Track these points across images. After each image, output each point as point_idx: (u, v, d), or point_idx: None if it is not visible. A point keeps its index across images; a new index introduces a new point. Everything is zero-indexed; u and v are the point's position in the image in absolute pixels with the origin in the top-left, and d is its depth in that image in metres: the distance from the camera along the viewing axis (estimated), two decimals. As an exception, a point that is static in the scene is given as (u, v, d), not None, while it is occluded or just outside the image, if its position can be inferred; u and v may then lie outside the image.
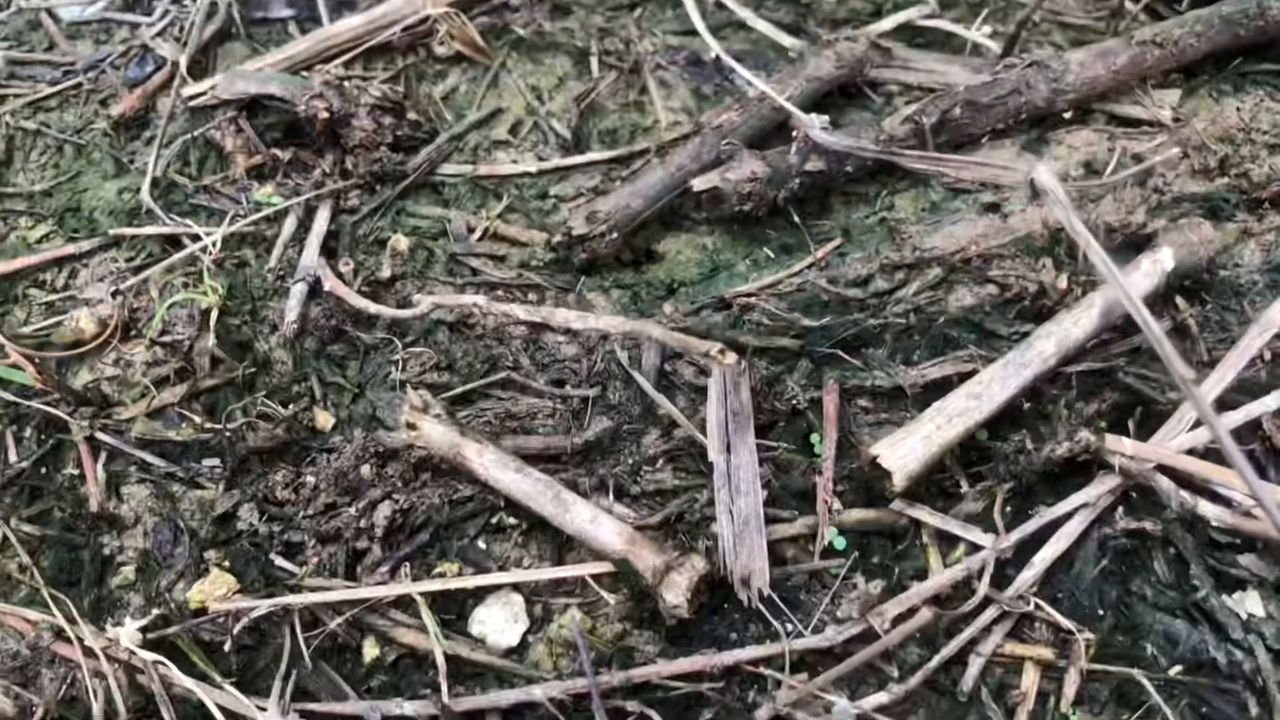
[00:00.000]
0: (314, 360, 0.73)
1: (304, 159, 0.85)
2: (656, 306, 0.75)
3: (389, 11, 0.89)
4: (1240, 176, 0.78)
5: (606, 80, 0.87)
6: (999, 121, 0.80)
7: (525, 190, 0.83)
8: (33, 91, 0.87)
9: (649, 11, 0.93)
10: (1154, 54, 0.80)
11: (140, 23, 0.92)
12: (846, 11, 0.91)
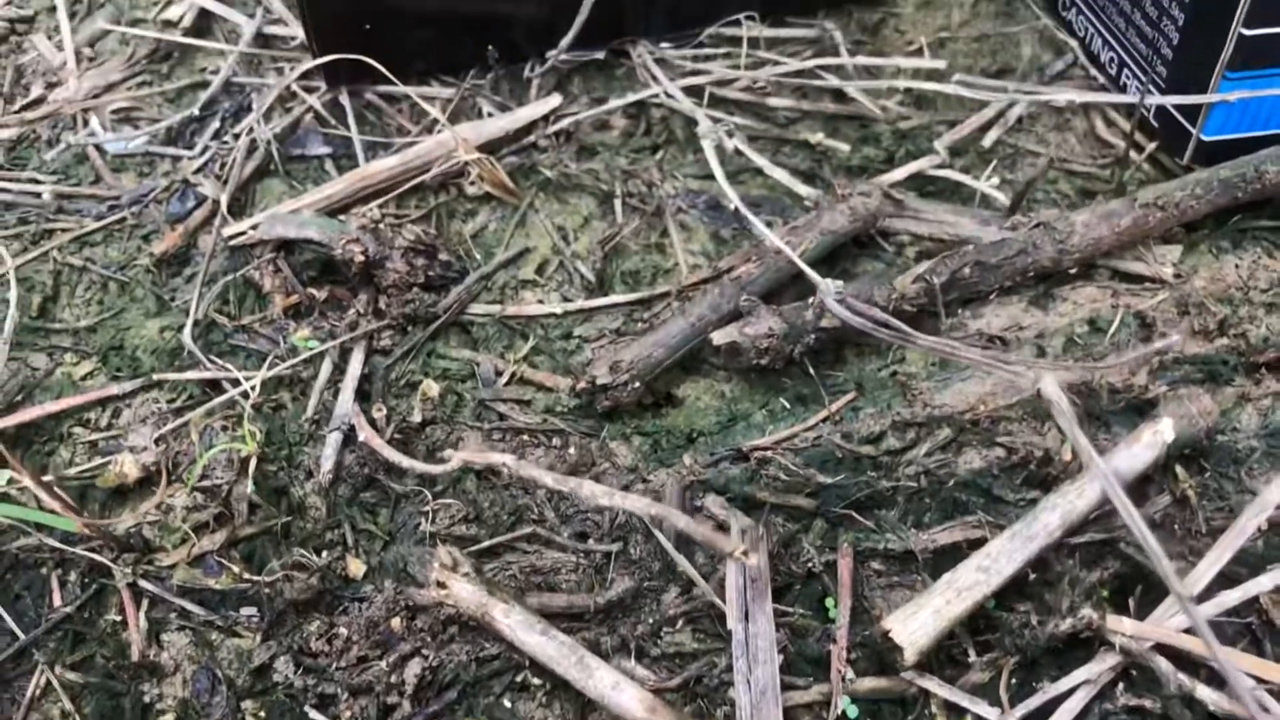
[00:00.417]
0: (347, 507, 0.76)
1: (339, 296, 0.88)
2: (677, 456, 0.78)
3: (422, 153, 0.93)
4: (1239, 337, 0.81)
5: (630, 226, 0.91)
6: (1007, 279, 0.83)
7: (550, 330, 0.86)
8: (79, 226, 0.91)
9: (670, 155, 0.96)
10: (1156, 216, 0.84)
11: (182, 156, 0.96)
12: (860, 159, 0.95)
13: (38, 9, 1.03)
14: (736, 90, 0.98)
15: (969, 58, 1.04)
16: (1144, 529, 0.49)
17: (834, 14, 1.06)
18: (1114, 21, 0.98)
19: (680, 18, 1.00)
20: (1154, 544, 0.49)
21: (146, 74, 1.00)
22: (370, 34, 0.93)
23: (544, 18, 0.95)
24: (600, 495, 0.63)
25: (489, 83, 0.99)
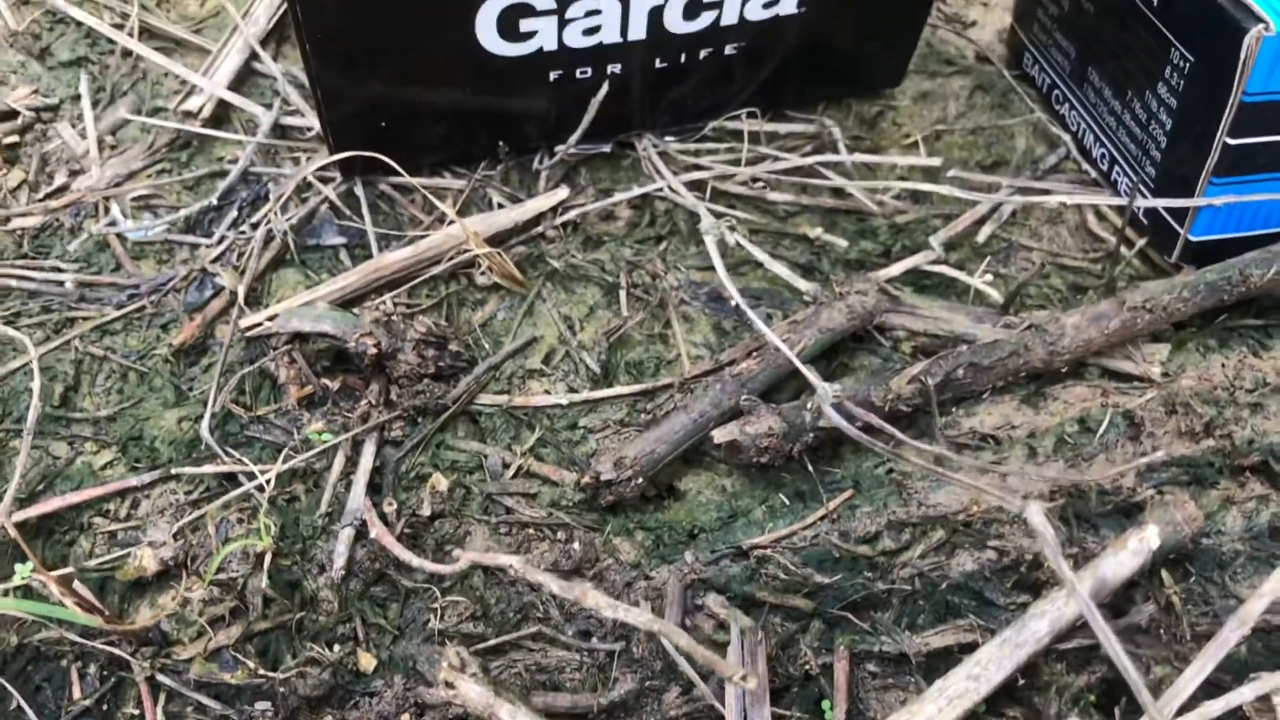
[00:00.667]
0: (358, 601, 0.78)
1: (352, 385, 0.91)
2: (678, 552, 0.80)
3: (434, 244, 0.96)
4: (1224, 438, 0.83)
5: (635, 318, 0.94)
6: (999, 379, 0.86)
7: (556, 421, 0.89)
8: (100, 315, 0.94)
9: (674, 246, 0.99)
10: (1144, 318, 0.86)
11: (200, 244, 0.99)
12: (858, 253, 0.98)
13: (62, 97, 1.07)
14: (738, 184, 1.01)
15: (964, 150, 1.07)
16: (1120, 653, 0.52)
17: (833, 107, 1.09)
18: (1105, 120, 1.01)
19: (684, 113, 1.03)
20: (1129, 668, 0.51)
21: (166, 162, 1.03)
22: (385, 129, 0.96)
23: (553, 113, 0.98)
24: (604, 606, 0.65)
25: (499, 174, 1.02)
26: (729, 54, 0.98)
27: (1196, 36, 0.87)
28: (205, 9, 1.12)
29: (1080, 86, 1.04)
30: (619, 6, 0.89)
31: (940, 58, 1.14)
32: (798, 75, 1.03)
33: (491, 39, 0.89)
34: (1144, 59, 0.93)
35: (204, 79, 1.04)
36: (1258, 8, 0.82)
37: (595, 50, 0.93)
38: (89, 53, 1.09)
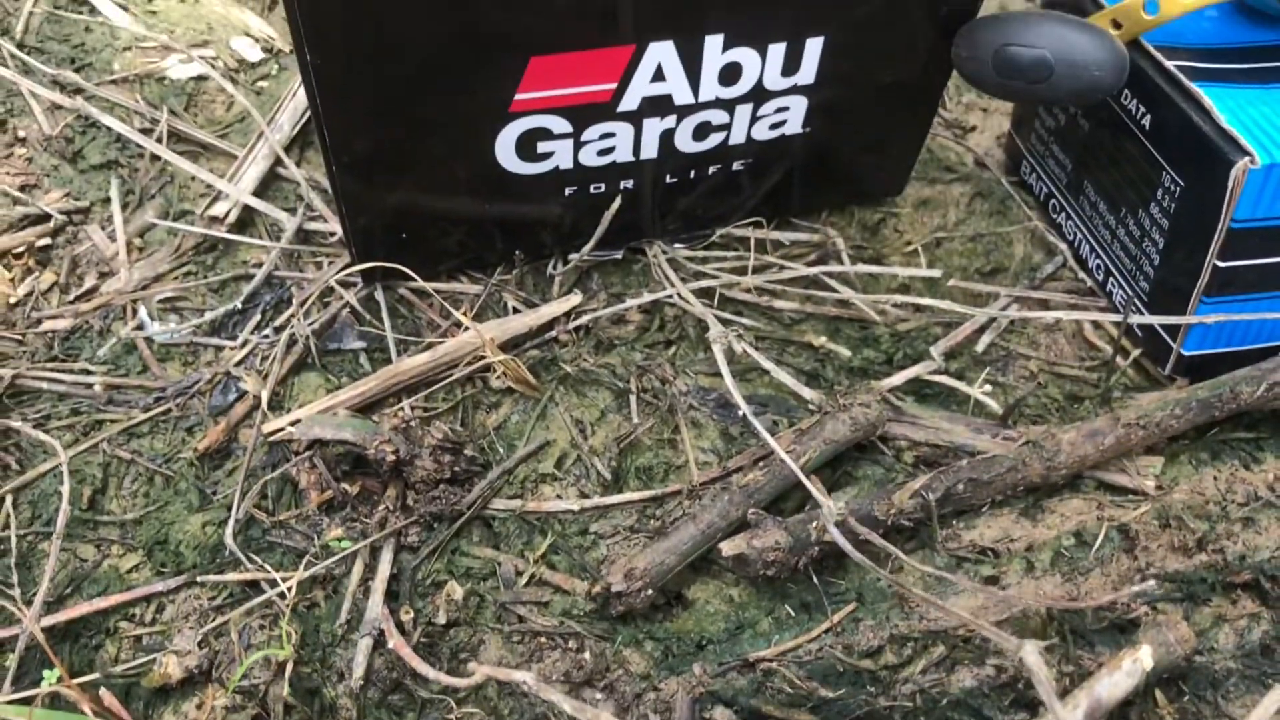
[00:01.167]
0: (376, 709, 0.81)
1: (370, 488, 0.93)
2: (686, 664, 0.83)
3: (451, 350, 0.99)
4: (1216, 553, 0.86)
5: (644, 426, 0.97)
6: (998, 494, 0.89)
7: (568, 526, 0.92)
8: (128, 418, 0.97)
9: (682, 351, 1.02)
10: (1138, 434, 0.89)
11: (224, 346, 1.02)
12: (861, 360, 1.01)
13: (93, 200, 1.10)
14: (744, 291, 1.04)
15: (964, 257, 1.10)
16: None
17: (837, 213, 1.13)
18: (1100, 233, 1.04)
19: (692, 221, 1.07)
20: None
21: (193, 265, 1.07)
22: (405, 239, 0.99)
23: (567, 223, 1.02)
24: (617, 728, 0.68)
25: (515, 278, 1.06)
26: (736, 169, 1.01)
27: (1186, 163, 0.91)
28: (231, 113, 1.16)
29: (1076, 198, 1.08)
30: (632, 130, 0.93)
31: (940, 164, 1.18)
32: (802, 185, 1.07)
33: (510, 159, 0.93)
34: (1137, 179, 0.97)
35: (229, 185, 1.08)
36: (1243, 139, 0.86)
37: (609, 168, 0.97)
38: (119, 156, 1.13)
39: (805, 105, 0.96)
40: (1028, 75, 0.88)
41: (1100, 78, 0.86)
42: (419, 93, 0.85)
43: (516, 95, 0.88)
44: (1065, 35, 0.87)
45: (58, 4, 1.21)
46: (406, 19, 0.79)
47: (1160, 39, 0.96)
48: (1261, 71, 0.94)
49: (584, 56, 0.86)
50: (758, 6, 0.87)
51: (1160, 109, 0.93)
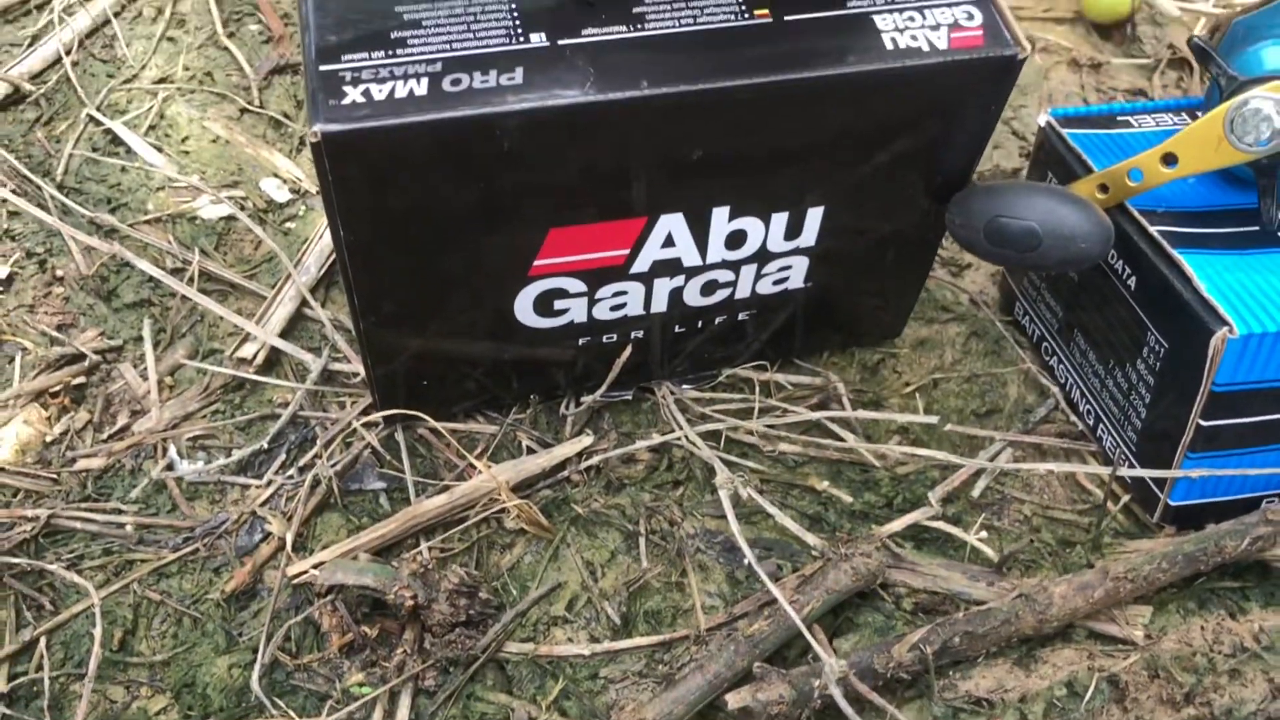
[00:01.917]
0: None
1: (388, 629, 0.97)
2: (693, 813, 0.86)
3: (466, 492, 1.04)
4: (1204, 705, 0.89)
5: (653, 570, 1.01)
6: (993, 645, 0.92)
7: (579, 670, 0.95)
8: (157, 558, 1.01)
9: (690, 492, 1.07)
10: (1126, 587, 0.93)
11: (250, 485, 1.06)
12: (861, 504, 1.05)
13: (126, 339, 1.15)
14: (748, 434, 1.09)
15: (960, 399, 1.15)
16: None
17: (838, 354, 1.18)
18: (1090, 380, 1.09)
19: (699, 364, 1.12)
20: None
21: (221, 404, 1.11)
22: (425, 385, 1.04)
23: (580, 366, 1.07)
24: None
25: (529, 418, 1.10)
26: (741, 319, 1.07)
27: (1169, 327, 0.96)
28: (259, 252, 1.22)
29: (1067, 345, 1.13)
30: (643, 289, 0.98)
31: (937, 303, 1.23)
32: (804, 331, 1.12)
33: (528, 315, 0.98)
34: (1124, 335, 1.02)
35: (257, 328, 1.13)
36: (1221, 309, 0.91)
37: (621, 320, 1.02)
38: (152, 295, 1.18)
39: (807, 264, 1.02)
40: (1018, 245, 0.93)
41: (1086, 249, 0.92)
42: (445, 262, 0.91)
43: (535, 262, 0.93)
44: (1053, 208, 0.92)
45: (96, 146, 1.27)
46: (436, 200, 0.85)
47: (1144, 202, 1.01)
48: (1240, 236, 0.99)
49: (599, 228, 0.92)
50: (761, 184, 0.92)
51: (1144, 272, 0.98)
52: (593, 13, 0.86)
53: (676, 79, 0.83)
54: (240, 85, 1.34)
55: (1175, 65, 1.56)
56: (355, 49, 0.82)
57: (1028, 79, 1.50)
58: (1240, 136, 0.92)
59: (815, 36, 0.86)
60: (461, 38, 0.83)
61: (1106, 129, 1.12)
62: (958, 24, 0.88)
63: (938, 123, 0.92)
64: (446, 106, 0.80)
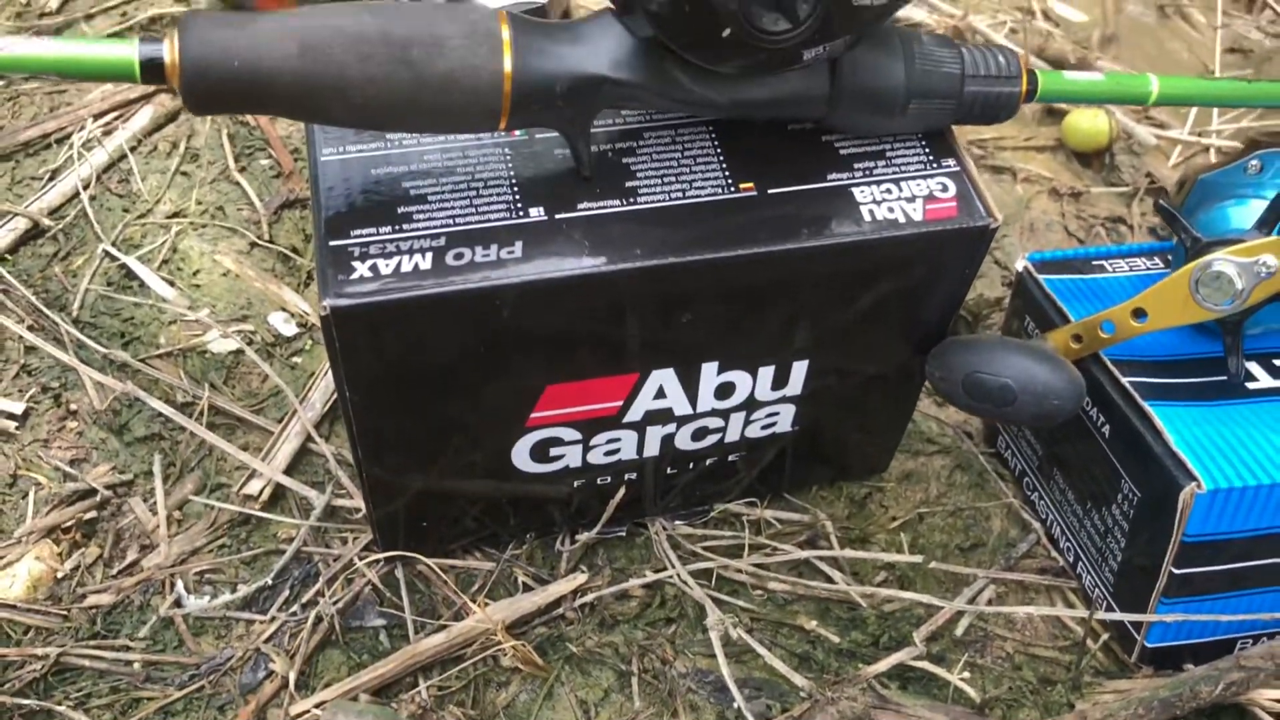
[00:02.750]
0: None
1: (386, 770, 1.00)
2: None
3: (463, 631, 1.07)
4: None
5: (646, 712, 1.03)
6: (975, 792, 0.95)
7: (573, 811, 0.98)
8: (164, 695, 1.04)
9: (682, 630, 1.10)
10: (1104, 733, 0.96)
11: (255, 620, 1.09)
12: (849, 643, 1.08)
13: (136, 473, 1.19)
14: (739, 572, 1.12)
15: (945, 533, 1.19)
16: None
17: (827, 488, 1.21)
18: (1069, 519, 1.13)
19: (691, 500, 1.15)
20: None
21: (227, 539, 1.15)
22: (425, 525, 1.08)
23: (575, 505, 1.11)
24: None
25: (525, 553, 1.14)
26: (731, 460, 1.11)
27: (1140, 477, 0.99)
28: (267, 386, 1.26)
29: (1047, 482, 1.16)
30: (636, 436, 1.03)
31: (922, 436, 1.27)
32: (793, 468, 1.15)
33: (525, 462, 1.02)
34: (1100, 479, 1.06)
35: (263, 464, 1.17)
36: (1190, 464, 0.95)
37: (614, 464, 1.06)
38: (162, 429, 1.22)
39: (794, 410, 1.06)
40: (994, 400, 0.97)
41: (1059, 406, 0.96)
42: (445, 417, 0.95)
43: (533, 415, 0.97)
44: (1027, 365, 0.97)
45: (111, 280, 1.32)
46: (438, 363, 0.89)
47: (1117, 350, 1.05)
48: (1211, 387, 1.04)
49: (594, 383, 0.96)
50: (747, 342, 0.97)
51: (1117, 423, 1.02)
52: (589, 187, 0.91)
53: (666, 251, 0.88)
54: (250, 219, 1.39)
55: (1153, 193, 1.61)
56: (363, 224, 0.87)
57: (1009, 209, 1.56)
58: (1205, 297, 0.97)
59: (797, 209, 0.91)
60: (464, 212, 0.88)
61: (1081, 274, 1.17)
62: (933, 195, 0.93)
63: (915, 285, 0.97)
64: (449, 280, 0.84)
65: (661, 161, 0.93)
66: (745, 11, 0.78)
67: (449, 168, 0.91)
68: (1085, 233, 1.55)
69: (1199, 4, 2.17)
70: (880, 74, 0.90)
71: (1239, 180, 1.07)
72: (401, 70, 0.80)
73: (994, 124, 0.99)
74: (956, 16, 1.87)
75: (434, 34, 0.81)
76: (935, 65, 0.91)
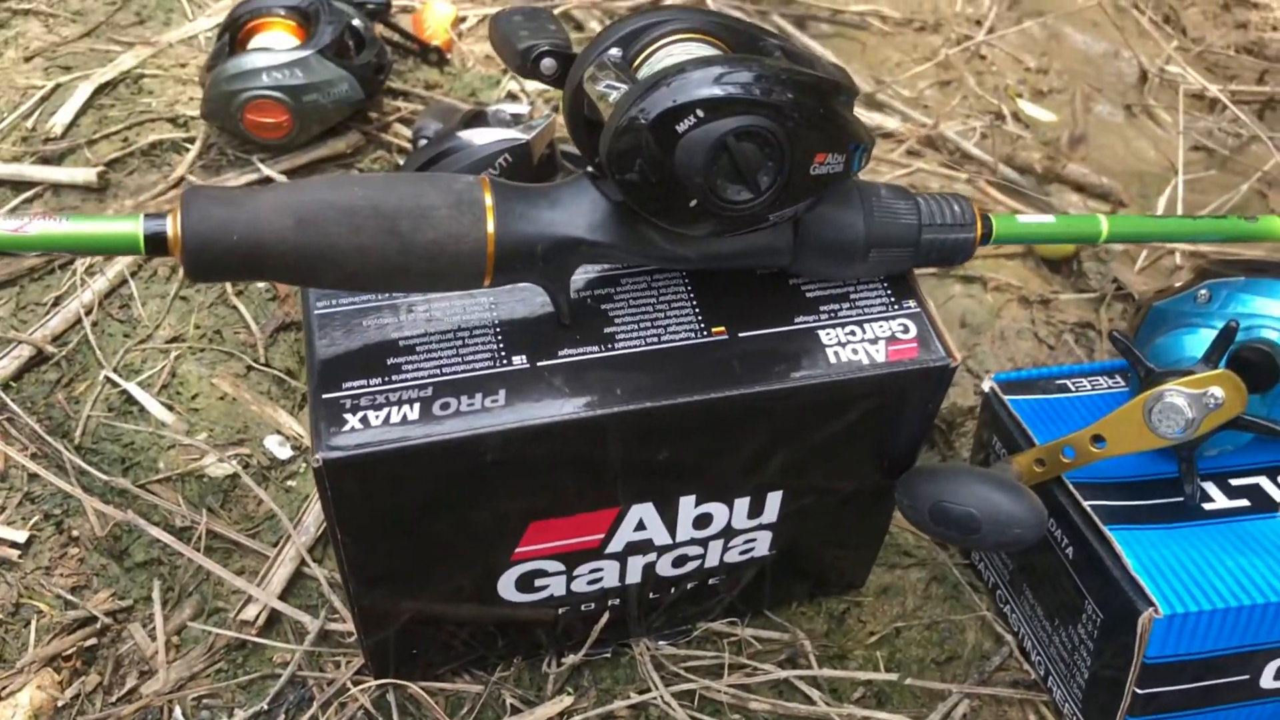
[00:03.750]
0: None
1: None
2: None
3: (454, 755, 1.10)
4: None
5: (630, 835, 1.06)
6: None
7: None
8: (160, 826, 1.06)
9: (666, 750, 1.13)
10: None
11: (250, 746, 1.12)
12: (828, 761, 1.12)
13: (136, 598, 1.23)
14: (721, 691, 1.16)
15: (921, 647, 1.22)
16: None
17: (806, 603, 1.25)
18: (1039, 633, 1.16)
19: (673, 621, 1.19)
20: None
21: (224, 663, 1.18)
22: (415, 652, 1.11)
23: (561, 629, 1.14)
24: None
25: (513, 675, 1.17)
26: (711, 583, 1.14)
27: (1102, 600, 1.04)
28: (262, 510, 1.30)
29: (1018, 596, 1.20)
30: (618, 565, 1.07)
31: (899, 549, 1.31)
32: (772, 586, 1.19)
33: (510, 592, 1.06)
34: (1066, 598, 1.10)
35: (258, 589, 1.21)
36: (1148, 589, 0.99)
37: (598, 592, 1.10)
38: (161, 554, 1.26)
39: (770, 536, 1.10)
40: (959, 528, 1.01)
41: (1021, 534, 1.00)
42: (433, 555, 0.99)
43: (517, 549, 1.01)
44: (989, 495, 1.01)
45: (112, 406, 1.37)
46: (426, 505, 0.94)
47: (1079, 474, 1.10)
48: (1169, 509, 1.08)
49: (576, 519, 1.00)
50: (722, 477, 1.01)
51: (1080, 546, 1.07)
52: (569, 333, 0.96)
53: (642, 396, 0.93)
54: (247, 342, 1.44)
55: (1120, 299, 1.67)
56: (355, 376, 0.92)
57: (980, 317, 1.61)
58: (1158, 426, 1.02)
59: (766, 351, 0.96)
60: (451, 361, 0.93)
61: (1046, 394, 1.22)
62: (894, 336, 0.98)
63: (881, 420, 1.02)
64: (436, 430, 0.89)
65: (638, 307, 0.98)
66: (710, 184, 0.84)
67: (436, 317, 0.96)
68: (1055, 339, 1.61)
69: (1163, 104, 2.25)
70: (840, 227, 0.95)
71: (1189, 309, 1.12)
72: (391, 240, 0.85)
73: (952, 267, 1.05)
74: (928, 125, 1.95)
75: (421, 205, 0.86)
76: (893, 217, 0.96)
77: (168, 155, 1.69)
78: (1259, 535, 1.05)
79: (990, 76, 2.26)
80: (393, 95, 1.82)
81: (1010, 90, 2.22)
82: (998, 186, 1.85)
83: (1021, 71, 2.31)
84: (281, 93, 1.55)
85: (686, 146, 0.83)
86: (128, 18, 1.97)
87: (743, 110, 0.82)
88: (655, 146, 0.83)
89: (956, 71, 2.23)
